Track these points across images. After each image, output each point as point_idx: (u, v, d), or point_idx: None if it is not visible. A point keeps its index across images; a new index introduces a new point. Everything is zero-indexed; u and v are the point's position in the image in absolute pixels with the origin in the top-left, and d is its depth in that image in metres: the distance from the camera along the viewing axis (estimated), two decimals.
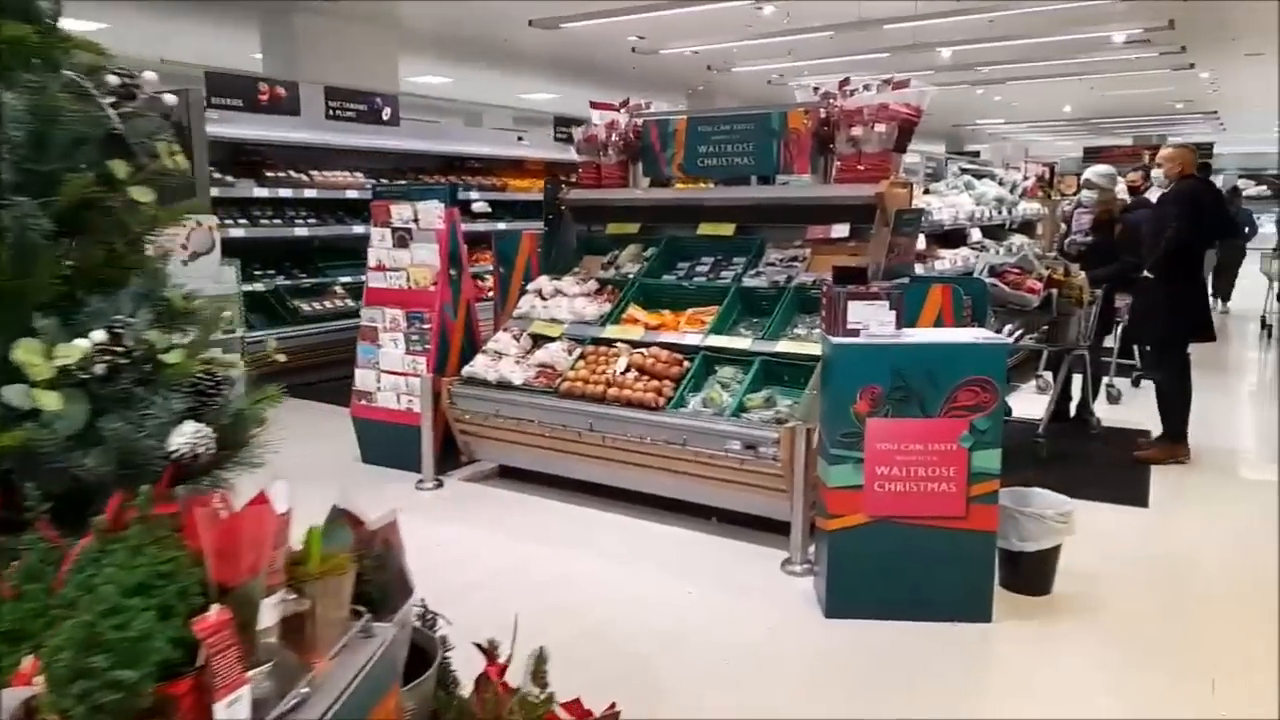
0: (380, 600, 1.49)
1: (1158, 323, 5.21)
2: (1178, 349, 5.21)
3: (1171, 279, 5.09)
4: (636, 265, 5.14)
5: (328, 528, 1.53)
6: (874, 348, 3.16)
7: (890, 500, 3.20)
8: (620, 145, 5.27)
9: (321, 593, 1.32)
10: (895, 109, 4.46)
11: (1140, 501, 4.59)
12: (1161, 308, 5.15)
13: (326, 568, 1.34)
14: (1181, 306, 5.11)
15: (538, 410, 4.46)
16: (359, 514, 1.63)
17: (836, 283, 3.31)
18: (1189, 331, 5.19)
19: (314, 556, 1.36)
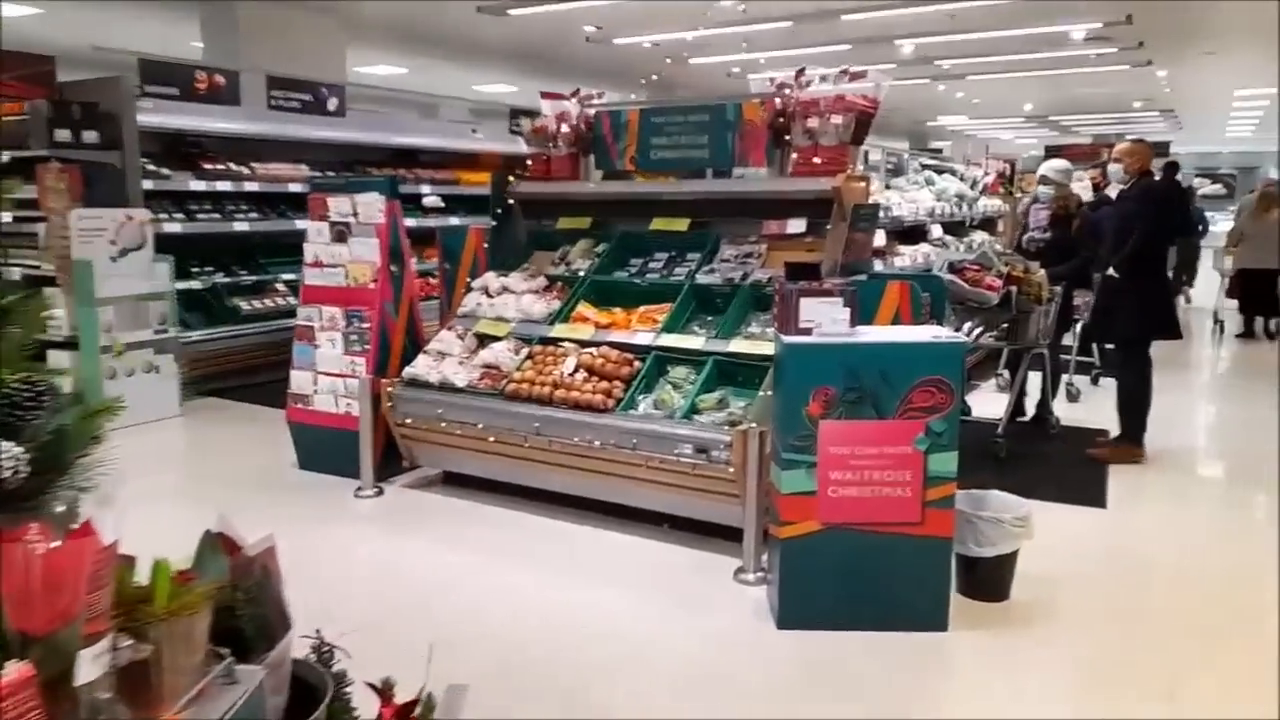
0: (254, 637, 1.30)
1: (1123, 322, 5.13)
2: (1142, 349, 5.13)
3: (1137, 277, 5.02)
4: (588, 261, 4.96)
5: (200, 555, 1.34)
6: (827, 347, 3.02)
7: (844, 506, 3.06)
8: (571, 137, 5.10)
9: (169, 636, 1.13)
10: (852, 100, 4.33)
11: (1098, 502, 4.51)
12: (1127, 306, 5.07)
13: (175, 607, 1.15)
14: (1147, 305, 5.04)
15: (482, 413, 4.27)
16: (236, 538, 1.43)
17: (789, 279, 3.16)
18: (1154, 330, 5.12)
19: (161, 594, 1.17)
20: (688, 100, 4.88)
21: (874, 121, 4.59)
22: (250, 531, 1.54)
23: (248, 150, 7.76)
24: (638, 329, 4.36)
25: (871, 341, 3.04)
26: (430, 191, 9.50)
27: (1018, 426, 5.75)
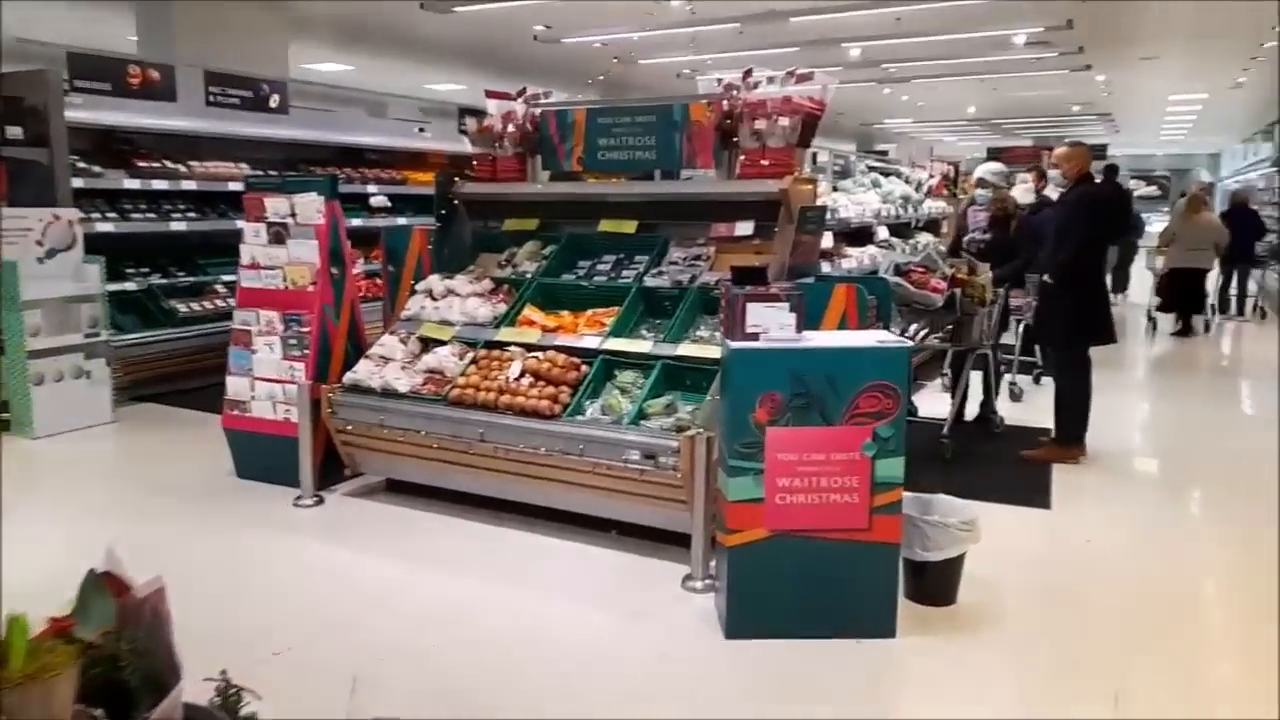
0: (140, 690, 1.20)
1: (1059, 326, 5.19)
2: (1078, 352, 5.20)
3: (1073, 283, 5.07)
4: (535, 263, 4.89)
5: (83, 597, 1.24)
6: (773, 352, 2.99)
7: (791, 513, 3.03)
8: (517, 137, 5.02)
9: (23, 703, 1.03)
10: (798, 102, 4.32)
11: (1042, 503, 4.56)
12: (1062, 311, 5.12)
13: (34, 669, 1.05)
14: (1083, 310, 5.09)
15: (425, 420, 4.17)
16: (124, 578, 1.32)
17: (735, 283, 3.13)
18: (1089, 335, 5.17)
19: (17, 654, 1.07)
20: (635, 101, 4.83)
21: (821, 123, 4.59)
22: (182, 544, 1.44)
23: (185, 148, 7.53)
24: (585, 333, 4.30)
25: (818, 346, 3.02)
26: (377, 191, 9.32)
27: (963, 427, 5.82)
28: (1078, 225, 5.06)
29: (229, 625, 3.15)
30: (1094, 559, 3.93)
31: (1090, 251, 5.16)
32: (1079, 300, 5.09)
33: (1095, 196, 5.22)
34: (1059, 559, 3.95)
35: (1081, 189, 5.17)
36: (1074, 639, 3.19)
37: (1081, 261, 5.11)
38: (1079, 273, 5.10)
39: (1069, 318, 5.13)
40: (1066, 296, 5.11)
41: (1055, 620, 3.35)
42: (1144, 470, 5.19)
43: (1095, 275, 5.25)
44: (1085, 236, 5.03)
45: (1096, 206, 5.19)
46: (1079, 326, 5.14)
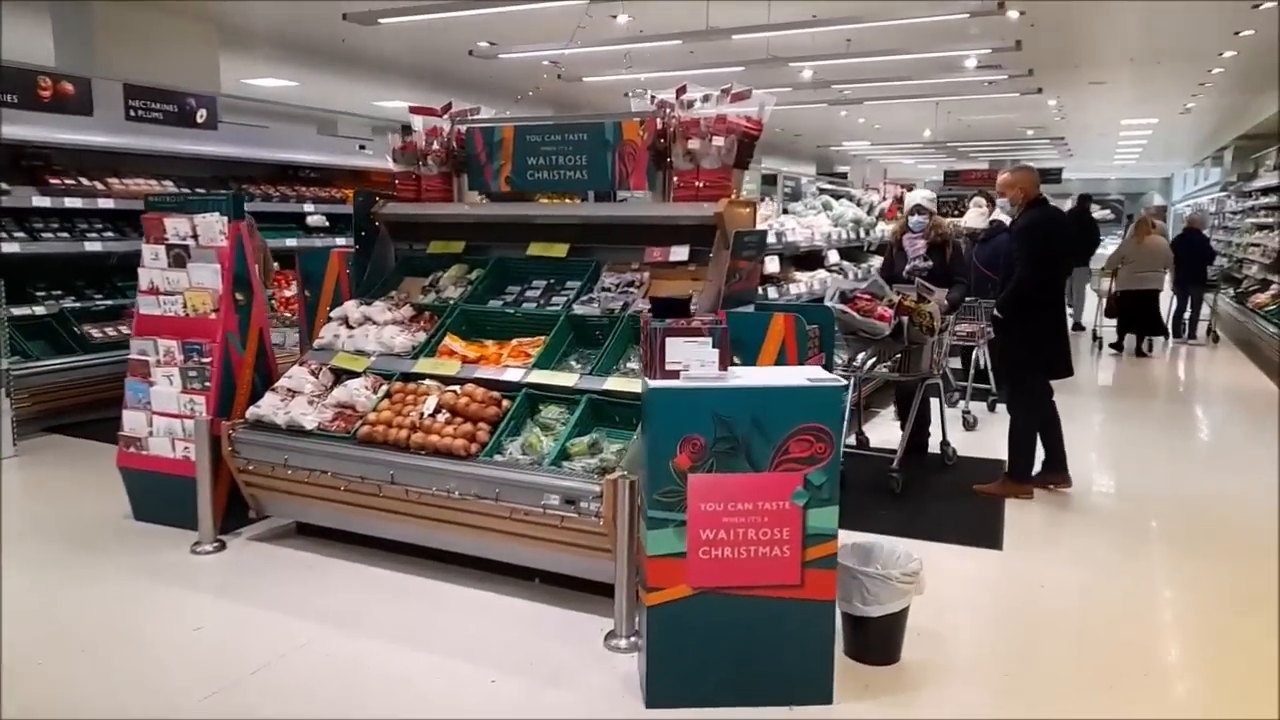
0: None
1: (1011, 358, 4.97)
2: (1030, 386, 4.97)
3: (1027, 313, 4.82)
4: (460, 289, 4.60)
5: None
6: (694, 392, 2.72)
7: (716, 568, 2.76)
8: (442, 155, 4.73)
9: None
10: (734, 121, 4.08)
11: (993, 542, 4.34)
12: (1016, 342, 4.89)
13: None
14: (1035, 342, 4.86)
15: (332, 459, 3.84)
16: None
17: (655, 316, 2.86)
18: (1042, 369, 4.93)
19: None
20: (565, 118, 4.57)
21: (776, 145, 4.41)
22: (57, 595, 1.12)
23: (104, 164, 7.15)
24: (509, 364, 4.01)
25: (742, 386, 2.75)
26: (314, 210, 8.99)
27: (921, 458, 5.62)
28: (1031, 252, 4.81)
29: (93, 692, 2.80)
30: (1047, 607, 3.70)
31: (1045, 279, 4.88)
32: (1033, 331, 4.85)
33: (1047, 221, 4.93)
34: (1011, 607, 3.72)
35: (1032, 213, 4.91)
36: (1026, 700, 2.94)
37: (1036, 290, 4.84)
38: (1035, 302, 4.85)
39: (1023, 349, 4.90)
40: (1020, 327, 4.87)
41: (1006, 679, 3.10)
42: (1098, 505, 4.99)
43: (1052, 304, 4.96)
44: (1030, 267, 4.78)
45: (1050, 231, 4.91)
46: (1033, 359, 4.91)
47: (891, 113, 16.51)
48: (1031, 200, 4.91)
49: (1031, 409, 4.96)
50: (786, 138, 21.19)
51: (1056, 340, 4.91)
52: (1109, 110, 16.01)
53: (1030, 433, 4.99)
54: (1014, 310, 4.86)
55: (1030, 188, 4.92)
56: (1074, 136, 20.32)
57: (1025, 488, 4.97)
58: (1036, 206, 4.91)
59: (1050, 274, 4.89)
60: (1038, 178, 5.01)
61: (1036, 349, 4.87)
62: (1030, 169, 5.04)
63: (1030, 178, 4.96)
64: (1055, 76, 11.87)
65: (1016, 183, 4.94)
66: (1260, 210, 13.85)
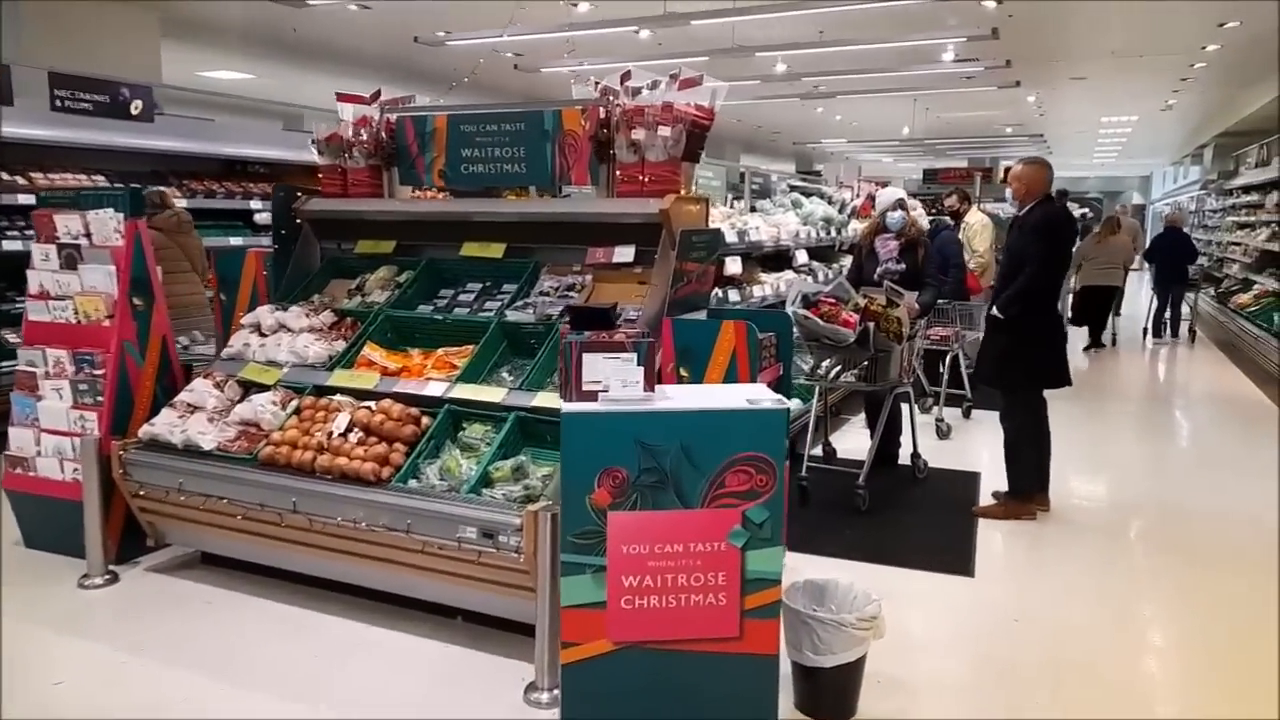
0: None
1: (1008, 367, 4.56)
2: (1028, 397, 4.61)
3: (1027, 318, 4.45)
4: (387, 292, 4.21)
5: None
6: (615, 417, 2.35)
7: (642, 620, 2.39)
8: (370, 146, 4.34)
9: None
10: (682, 110, 3.72)
11: (964, 568, 3.99)
12: (1015, 351, 4.51)
13: None
14: (1038, 350, 4.49)
15: (230, 484, 3.45)
16: None
17: (573, 326, 2.49)
18: (1045, 379, 4.57)
19: None
20: (500, 106, 4.19)
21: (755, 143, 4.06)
22: None
23: (27, 157, 6.69)
24: (431, 376, 3.63)
25: (671, 409, 2.39)
26: (263, 208, 8.55)
27: (886, 469, 5.29)
28: (1034, 255, 4.40)
29: None
30: (1021, 645, 3.35)
31: (1047, 283, 4.48)
32: (1032, 338, 4.48)
33: (1055, 220, 4.49)
34: (981, 647, 3.37)
35: (1040, 211, 4.48)
36: None
37: (1037, 294, 4.47)
38: (1034, 306, 4.48)
39: (1020, 358, 4.51)
40: (1017, 333, 4.50)
41: None
42: (1077, 522, 4.65)
43: (1050, 308, 4.59)
44: (1041, 267, 4.39)
45: (1058, 231, 4.49)
46: (1031, 369, 4.53)
47: (869, 109, 16.20)
48: (1039, 197, 4.50)
49: (1026, 421, 4.62)
50: (765, 135, 20.86)
51: (1055, 350, 4.55)
52: (1089, 107, 15.76)
53: (1028, 446, 4.63)
54: (1019, 311, 4.48)
55: (1036, 184, 4.51)
56: (1053, 134, 20.09)
57: (1029, 507, 4.63)
58: (1048, 202, 4.52)
59: (1060, 276, 4.55)
60: (1050, 175, 4.56)
61: (1036, 361, 4.50)
62: (1043, 164, 4.59)
63: (1039, 174, 4.53)
64: (1035, 71, 11.59)
65: (1022, 176, 4.54)
66: (1241, 209, 13.64)
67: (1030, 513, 4.63)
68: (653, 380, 2.39)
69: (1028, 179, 4.52)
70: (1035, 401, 4.62)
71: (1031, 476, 4.62)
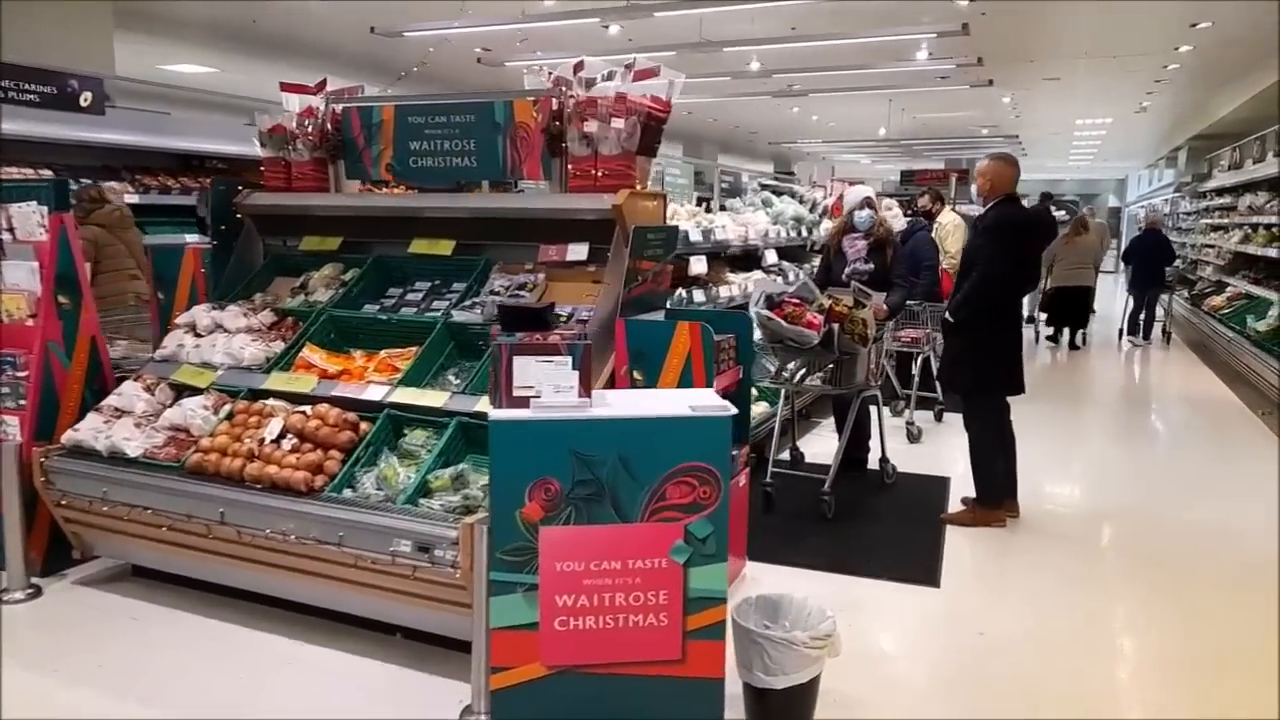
0: None
1: (964, 372, 4.46)
2: (987, 401, 4.49)
3: (976, 323, 4.35)
4: (331, 291, 4.03)
5: None
6: (547, 425, 2.19)
7: (577, 642, 2.24)
8: (315, 138, 4.16)
9: None
10: (636, 102, 3.56)
11: (930, 578, 3.86)
12: (968, 355, 4.41)
13: None
14: (991, 356, 4.37)
15: (156, 493, 3.26)
16: None
17: (504, 328, 2.33)
18: (997, 385, 4.45)
19: None
20: (450, 97, 4.01)
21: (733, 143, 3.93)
22: None
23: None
24: (373, 380, 3.45)
25: (607, 416, 2.23)
26: None
27: (854, 474, 5.17)
28: (999, 251, 4.28)
29: None
30: (985, 660, 3.22)
31: (1001, 286, 4.34)
32: (982, 342, 4.37)
33: (1016, 220, 4.36)
34: (945, 662, 3.23)
35: (995, 211, 4.36)
36: None
37: (997, 297, 4.34)
38: (993, 310, 4.35)
39: (973, 363, 4.41)
40: (974, 335, 4.39)
41: None
42: (1048, 530, 4.53)
43: (1007, 312, 4.44)
44: (993, 269, 4.27)
45: (1018, 232, 4.34)
46: (983, 374, 4.42)
47: (846, 109, 16.12)
48: (1001, 196, 4.37)
49: (989, 424, 4.50)
50: (742, 135, 20.75)
51: (1008, 356, 4.42)
52: (1064, 108, 15.75)
53: (992, 450, 4.51)
54: (969, 315, 4.37)
55: (1001, 181, 4.36)
56: (1029, 136, 20.10)
57: (997, 514, 4.50)
58: (1006, 203, 4.38)
59: (1017, 278, 4.36)
60: (1015, 173, 4.41)
61: (989, 366, 4.38)
62: (1009, 161, 4.44)
63: (1004, 171, 4.38)
64: (1008, 71, 11.53)
65: (987, 172, 4.39)
66: (1215, 211, 13.67)
67: (999, 520, 4.51)
68: (589, 385, 2.24)
69: (993, 174, 4.39)
70: (994, 406, 4.51)
71: (998, 483, 4.50)
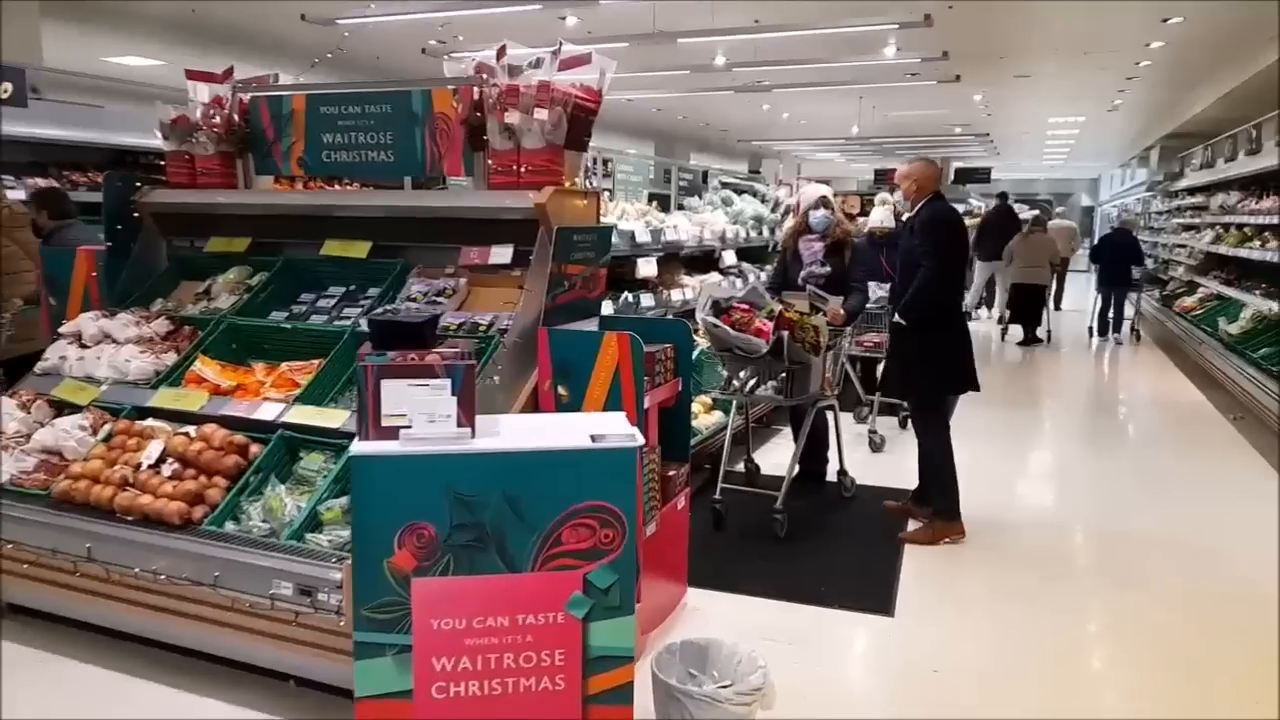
0: None
1: (914, 377, 4.26)
2: (940, 404, 4.29)
3: (932, 324, 4.16)
4: (236, 296, 3.70)
5: None
6: (419, 460, 1.88)
7: (460, 711, 1.93)
8: (220, 130, 3.82)
9: None
10: (562, 91, 3.26)
11: (884, 605, 3.58)
12: (917, 359, 4.21)
13: None
14: (940, 357, 4.18)
15: (20, 525, 2.91)
16: None
17: (375, 344, 2.02)
18: (950, 386, 4.27)
19: None
20: (364, 86, 3.69)
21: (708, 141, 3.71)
22: None
23: None
24: (269, 396, 3.13)
25: (492, 450, 1.92)
26: None
27: (812, 487, 4.90)
28: (938, 248, 4.12)
29: None
30: (939, 701, 2.94)
31: (955, 282, 4.24)
32: (933, 344, 4.18)
33: (951, 216, 4.28)
34: (893, 704, 2.95)
35: (928, 210, 4.22)
36: None
37: (945, 294, 4.20)
38: (943, 308, 4.18)
39: (923, 366, 4.21)
40: (929, 338, 4.19)
41: None
42: (1009, 548, 4.27)
43: (952, 311, 4.29)
44: (934, 269, 4.10)
45: (954, 227, 4.25)
46: (935, 377, 4.23)
47: (816, 107, 15.88)
48: (927, 196, 4.24)
49: (942, 430, 4.28)
50: (714, 133, 20.48)
51: (958, 355, 4.23)
52: (1036, 106, 15.60)
53: (944, 458, 4.27)
54: (920, 315, 4.18)
55: (926, 181, 4.24)
56: (1001, 134, 19.96)
57: (957, 525, 4.27)
58: (936, 200, 4.24)
59: (961, 273, 4.24)
60: (938, 172, 4.31)
61: (939, 367, 4.19)
62: (931, 162, 4.34)
63: (927, 171, 4.27)
64: (978, 67, 11.33)
65: (910, 174, 4.26)
66: (1187, 210, 13.55)
67: (959, 530, 4.27)
68: (472, 413, 1.93)
69: (918, 175, 4.26)
70: (943, 411, 4.31)
71: (955, 492, 4.27)
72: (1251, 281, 9.29)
